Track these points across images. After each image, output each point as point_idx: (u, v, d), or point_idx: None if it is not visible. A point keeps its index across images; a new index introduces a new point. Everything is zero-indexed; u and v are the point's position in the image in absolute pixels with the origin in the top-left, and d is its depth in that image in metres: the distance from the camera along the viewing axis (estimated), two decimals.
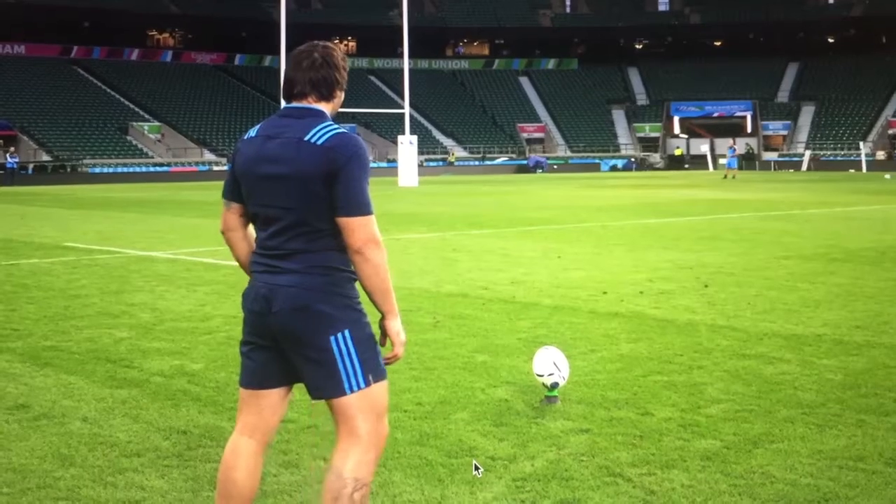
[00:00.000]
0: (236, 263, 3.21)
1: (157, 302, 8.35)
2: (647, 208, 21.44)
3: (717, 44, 73.80)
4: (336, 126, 2.90)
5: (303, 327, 2.81)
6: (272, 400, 2.96)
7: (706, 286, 8.94)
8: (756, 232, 14.96)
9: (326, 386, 2.85)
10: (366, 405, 2.86)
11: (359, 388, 2.84)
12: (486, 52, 77.11)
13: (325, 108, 2.97)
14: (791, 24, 69.54)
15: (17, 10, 59.99)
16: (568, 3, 78.03)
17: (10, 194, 32.67)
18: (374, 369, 2.88)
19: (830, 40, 71.55)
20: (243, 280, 3.12)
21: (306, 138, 2.83)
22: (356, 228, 2.80)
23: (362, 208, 2.81)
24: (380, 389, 2.90)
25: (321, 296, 2.81)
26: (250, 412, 2.96)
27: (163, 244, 13.77)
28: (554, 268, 10.62)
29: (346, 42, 74.58)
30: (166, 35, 70.07)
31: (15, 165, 46.24)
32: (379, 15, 67.34)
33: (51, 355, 6.18)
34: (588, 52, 74.50)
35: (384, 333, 2.93)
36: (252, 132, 3.00)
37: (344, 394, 2.83)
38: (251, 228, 3.02)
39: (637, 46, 76.74)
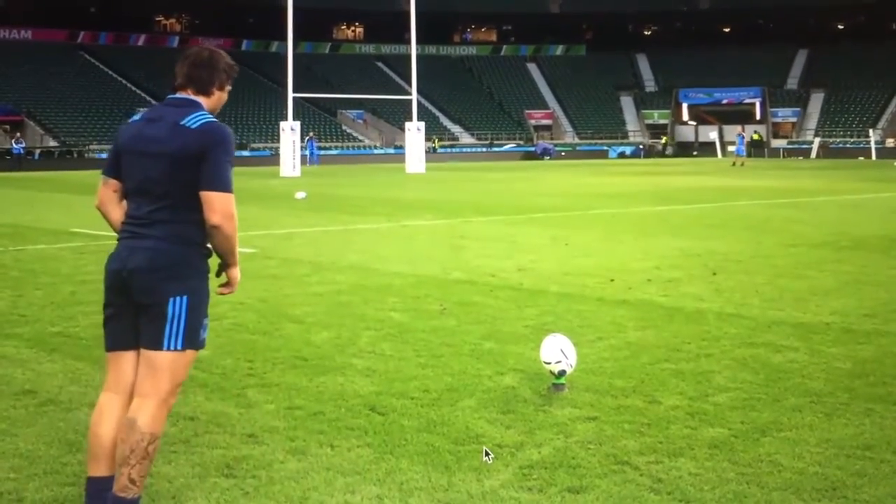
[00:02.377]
0: (242, 250, 3.29)
1: None
2: (656, 196, 21.38)
3: (727, 30, 73.40)
4: (209, 115, 3.34)
5: (150, 286, 3.23)
6: (130, 360, 3.32)
7: (714, 274, 8.91)
8: (764, 220, 14.90)
9: (150, 339, 3.24)
10: (175, 366, 3.25)
11: (176, 348, 3.24)
12: (494, 38, 76.85)
13: (202, 100, 3.40)
14: (801, 11, 69.09)
15: None
16: None
17: (17, 180, 32.73)
18: (193, 340, 3.29)
19: (840, 27, 71.12)
20: (249, 267, 3.12)
21: (182, 122, 3.27)
22: (216, 201, 3.22)
23: (224, 185, 3.23)
24: (190, 357, 3.32)
25: (172, 262, 3.25)
26: (113, 371, 3.36)
27: None
28: (561, 255, 10.60)
29: (353, 28, 74.43)
30: (173, 20, 69.96)
31: (21, 151, 46.29)
32: (386, 1, 67.10)
33: (58, 341, 6.18)
34: (596, 38, 74.18)
35: (223, 273, 3.52)
36: (136, 116, 3.47)
37: (161, 349, 3.22)
38: (125, 203, 3.38)
39: (646, 33, 76.40)
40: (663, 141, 63.81)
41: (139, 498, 3.21)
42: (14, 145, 46.37)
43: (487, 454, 3.87)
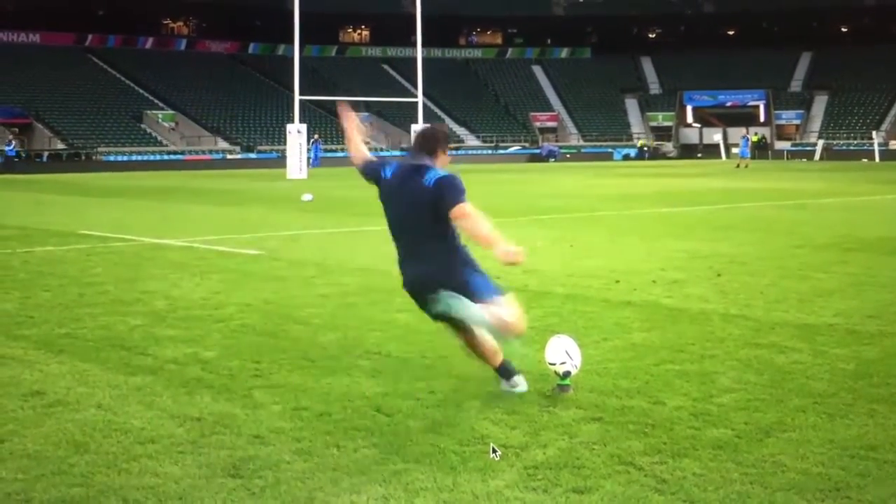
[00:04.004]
0: (249, 251, 3.32)
1: (171, 290, 8.40)
2: (661, 197, 21.38)
3: (731, 33, 73.30)
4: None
5: None
6: None
7: (719, 275, 8.92)
8: (769, 221, 14.90)
9: None
10: None
11: None
12: (499, 40, 76.86)
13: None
14: (804, 14, 68.95)
15: None
16: None
17: (24, 182, 32.84)
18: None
19: (843, 30, 70.99)
20: (256, 269, 3.14)
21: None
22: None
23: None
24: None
25: None
26: None
27: (176, 232, 13.82)
28: (567, 256, 10.62)
29: (359, 30, 74.50)
30: (180, 23, 70.12)
31: (13, 153, 45.99)
32: (392, 3, 67.14)
33: (65, 342, 6.22)
34: (601, 41, 74.13)
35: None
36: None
37: None
38: None
39: (650, 35, 76.33)
40: (639, 144, 63.31)
41: None
42: (6, 147, 46.06)
43: (495, 451, 3.91)
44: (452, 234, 4.72)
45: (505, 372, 4.89)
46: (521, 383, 4.87)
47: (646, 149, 63.18)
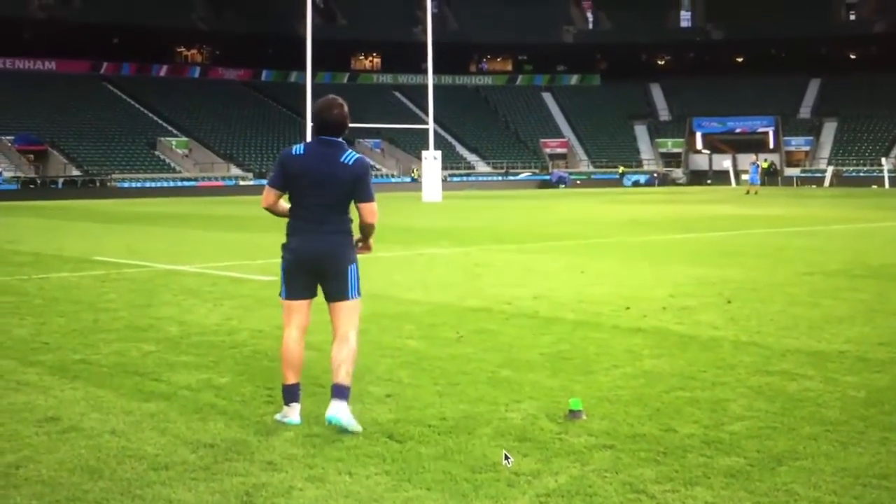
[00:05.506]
0: (262, 277, 3.40)
1: (185, 316, 8.45)
2: (670, 224, 21.38)
3: (739, 60, 73.53)
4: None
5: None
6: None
7: (729, 302, 8.92)
8: (778, 248, 14.89)
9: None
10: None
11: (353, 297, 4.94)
12: (510, 67, 77.29)
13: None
14: (813, 41, 69.18)
15: (48, 27, 60.94)
16: (590, 19, 78.12)
17: (39, 208, 33.08)
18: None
19: (852, 56, 71.14)
20: (269, 294, 3.19)
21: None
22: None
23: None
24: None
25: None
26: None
27: (190, 258, 13.90)
28: (577, 283, 10.63)
29: (370, 58, 75.03)
30: (194, 51, 70.81)
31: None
32: (403, 31, 67.70)
33: (80, 368, 6.26)
34: (610, 67, 74.46)
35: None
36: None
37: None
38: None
39: (659, 62, 76.62)
40: (620, 171, 63.12)
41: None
42: None
43: (507, 458, 4.00)
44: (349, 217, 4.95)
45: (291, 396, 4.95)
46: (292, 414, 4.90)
47: (655, 175, 63.21)
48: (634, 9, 71.83)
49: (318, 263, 4.85)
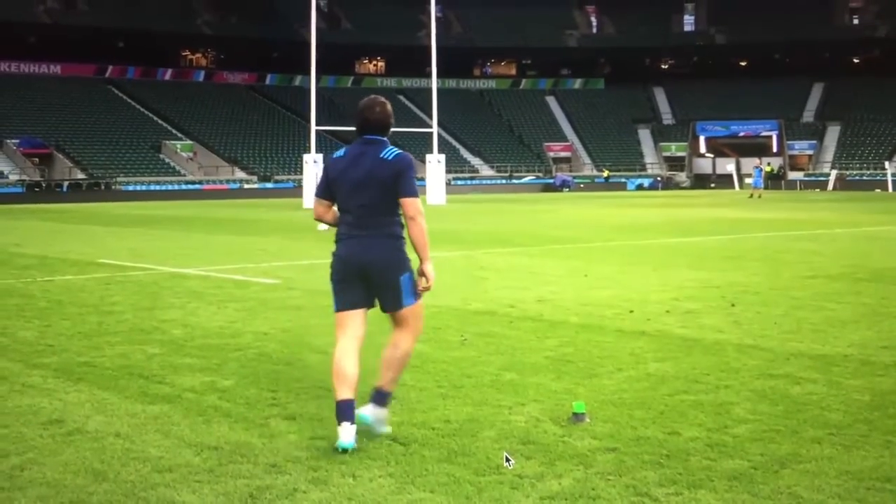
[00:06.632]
0: (266, 280, 3.39)
1: (189, 318, 8.46)
2: (674, 227, 21.37)
3: (743, 64, 73.51)
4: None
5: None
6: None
7: (733, 305, 8.92)
8: (782, 251, 14.88)
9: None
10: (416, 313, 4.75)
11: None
12: (513, 72, 77.35)
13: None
14: (816, 45, 69.15)
15: (54, 31, 61.11)
16: (594, 23, 78.16)
17: (44, 211, 33.15)
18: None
19: (856, 60, 71.11)
20: (273, 297, 3.19)
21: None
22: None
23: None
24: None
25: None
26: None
27: (194, 261, 13.93)
28: (581, 286, 10.64)
29: (375, 62, 75.13)
30: (199, 55, 70.97)
31: None
32: (407, 35, 67.77)
33: (84, 371, 6.28)
34: (614, 72, 74.50)
35: (421, 273, 4.70)
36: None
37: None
38: None
39: (663, 66, 76.64)
40: (605, 174, 62.91)
41: (392, 393, 4.72)
42: None
43: (508, 460, 4.02)
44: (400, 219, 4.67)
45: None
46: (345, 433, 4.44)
47: (659, 179, 63.20)
48: (638, 13, 71.87)
49: (365, 272, 4.58)
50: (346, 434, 4.40)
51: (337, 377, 4.55)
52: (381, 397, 4.65)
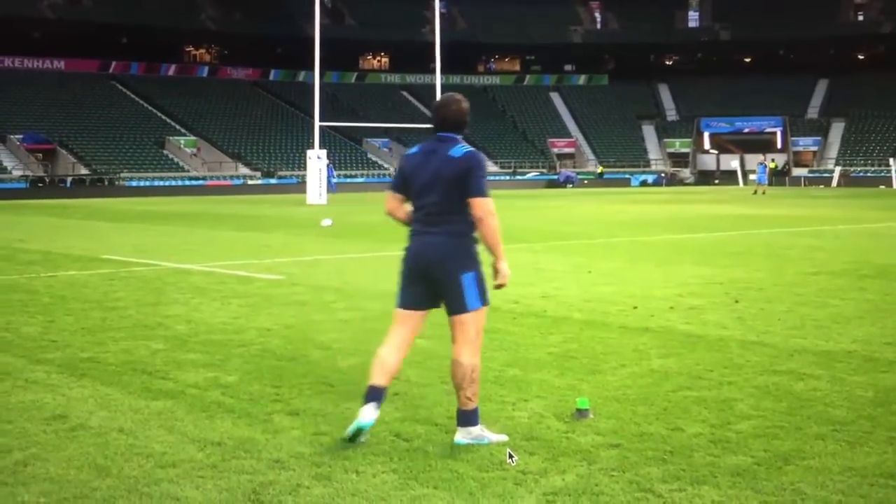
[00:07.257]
0: (269, 276, 3.38)
1: (192, 314, 8.47)
2: (677, 224, 21.35)
3: (747, 60, 73.36)
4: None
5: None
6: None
7: (736, 302, 8.91)
8: (786, 248, 14.86)
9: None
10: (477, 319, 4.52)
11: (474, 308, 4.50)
12: (517, 67, 77.25)
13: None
14: (821, 41, 68.99)
15: (57, 27, 61.11)
16: (598, 19, 78.03)
17: (48, 207, 33.19)
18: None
19: (860, 57, 70.94)
20: (276, 293, 3.19)
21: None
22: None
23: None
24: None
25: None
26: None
27: (198, 257, 13.94)
28: (584, 282, 10.63)
29: (378, 58, 75.11)
30: (202, 51, 70.96)
31: None
32: (411, 31, 67.73)
33: (88, 366, 6.29)
34: (618, 67, 74.38)
35: (496, 270, 4.58)
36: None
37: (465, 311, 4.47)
38: None
39: (667, 62, 76.50)
40: (599, 170, 62.70)
41: (476, 408, 4.51)
42: None
43: (511, 456, 4.03)
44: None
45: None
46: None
47: (663, 175, 63.14)
48: (642, 9, 71.72)
49: (428, 270, 4.49)
50: (367, 413, 4.40)
51: (375, 364, 4.56)
52: (463, 418, 4.50)
